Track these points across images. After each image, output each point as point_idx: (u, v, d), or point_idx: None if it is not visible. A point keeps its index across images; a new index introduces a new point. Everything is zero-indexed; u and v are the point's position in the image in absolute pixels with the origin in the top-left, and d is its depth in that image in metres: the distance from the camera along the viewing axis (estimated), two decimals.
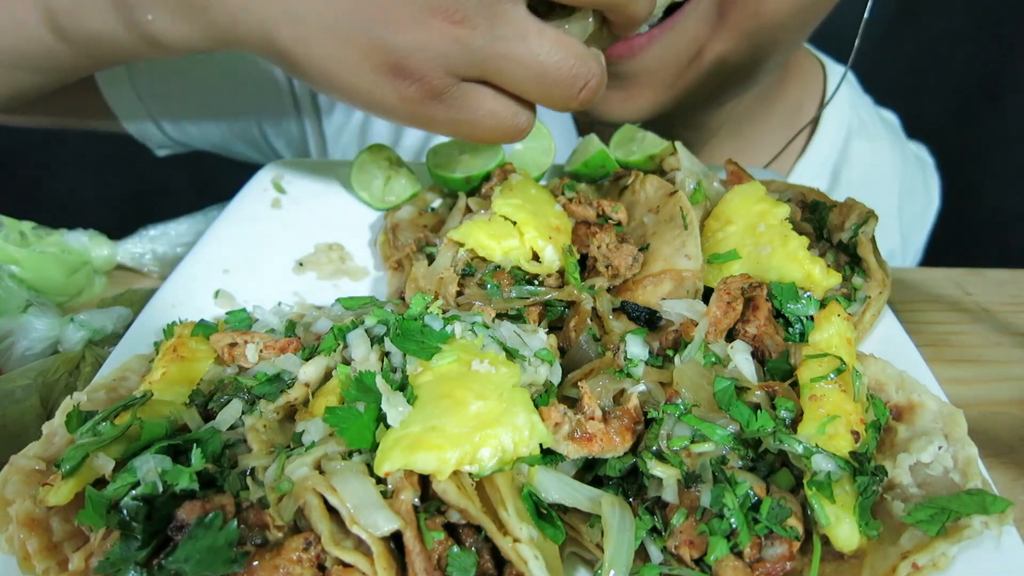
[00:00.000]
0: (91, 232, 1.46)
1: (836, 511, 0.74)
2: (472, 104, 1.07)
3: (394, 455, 0.72)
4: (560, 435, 0.79)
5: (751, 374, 0.87)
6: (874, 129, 2.14)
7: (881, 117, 2.26)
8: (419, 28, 0.98)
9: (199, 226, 1.49)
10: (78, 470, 0.72)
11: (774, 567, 0.73)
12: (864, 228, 1.08)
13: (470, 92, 1.06)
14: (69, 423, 0.80)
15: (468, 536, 0.73)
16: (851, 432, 0.80)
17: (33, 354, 1.19)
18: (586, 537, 0.77)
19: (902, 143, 2.26)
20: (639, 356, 0.92)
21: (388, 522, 0.68)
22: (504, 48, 1.01)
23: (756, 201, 1.13)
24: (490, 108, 1.08)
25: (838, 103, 2.02)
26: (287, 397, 0.84)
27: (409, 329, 0.87)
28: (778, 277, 1.02)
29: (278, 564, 0.67)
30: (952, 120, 3.63)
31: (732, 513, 0.74)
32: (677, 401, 0.84)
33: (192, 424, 0.82)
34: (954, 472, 0.80)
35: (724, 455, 0.80)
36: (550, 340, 0.95)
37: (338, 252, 1.33)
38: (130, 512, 0.68)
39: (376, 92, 1.05)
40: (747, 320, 0.95)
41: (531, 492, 0.76)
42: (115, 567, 0.68)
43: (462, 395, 0.78)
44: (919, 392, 0.89)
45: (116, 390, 0.93)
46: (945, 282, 1.54)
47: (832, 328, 0.93)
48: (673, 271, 1.06)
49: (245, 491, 0.74)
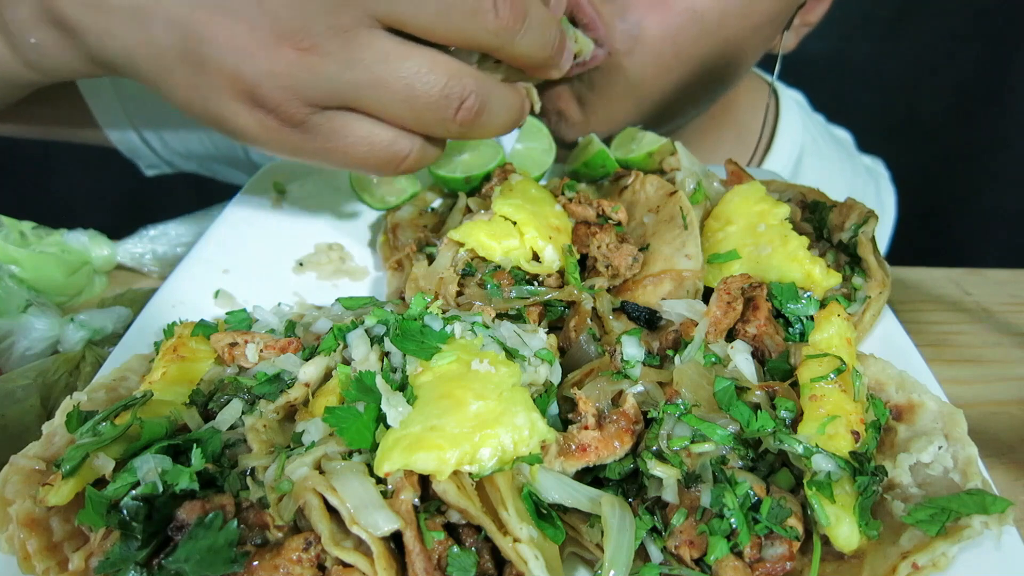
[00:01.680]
0: (91, 232, 1.46)
1: (836, 511, 0.74)
2: (340, 132, 1.01)
3: (394, 455, 0.72)
4: (549, 457, 0.79)
5: (751, 374, 0.87)
6: (825, 147, 2.21)
7: (832, 135, 2.34)
8: (268, 56, 0.94)
9: (199, 226, 1.49)
10: (78, 470, 0.72)
11: (774, 567, 0.73)
12: (864, 228, 1.08)
13: (336, 120, 1.01)
14: (69, 423, 0.80)
15: (468, 536, 0.73)
16: (851, 432, 0.80)
17: (33, 354, 1.19)
18: (586, 537, 0.77)
19: (853, 158, 2.32)
20: (635, 357, 0.92)
21: (388, 522, 0.68)
22: (363, 74, 0.95)
23: (756, 201, 1.13)
24: (361, 135, 1.02)
25: (791, 124, 2.10)
26: (287, 397, 0.84)
27: (409, 329, 0.87)
28: (778, 277, 1.02)
29: (278, 564, 0.67)
30: (952, 120, 3.63)
31: (732, 513, 0.74)
32: (677, 401, 0.84)
33: (192, 424, 0.82)
34: (954, 472, 0.80)
35: (724, 455, 0.80)
36: (550, 340, 0.95)
37: (338, 252, 1.33)
38: (130, 512, 0.68)
39: (239, 121, 1.02)
40: (747, 320, 0.95)
41: (531, 492, 0.76)
42: (115, 567, 0.68)
43: (462, 395, 0.77)
44: (919, 392, 0.89)
45: (116, 390, 0.93)
46: (945, 282, 1.54)
47: (832, 328, 0.93)
48: (673, 271, 1.06)
49: (245, 491, 0.74)
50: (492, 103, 1.04)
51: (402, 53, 0.96)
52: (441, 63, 0.98)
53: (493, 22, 0.96)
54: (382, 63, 0.95)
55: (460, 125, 1.01)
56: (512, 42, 1.00)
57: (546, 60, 1.08)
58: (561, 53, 1.12)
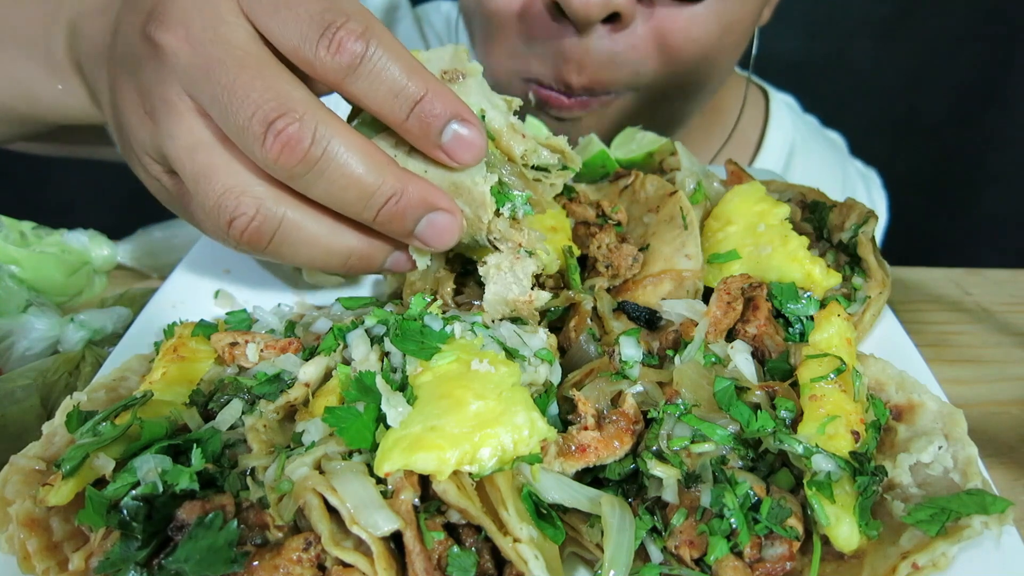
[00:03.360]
0: (91, 232, 1.46)
1: (836, 511, 0.74)
2: (187, 195, 0.93)
3: (394, 455, 0.72)
4: (549, 457, 0.79)
5: (751, 374, 0.87)
6: (816, 146, 2.23)
7: (825, 137, 2.36)
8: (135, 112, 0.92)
9: None
10: (78, 470, 0.72)
11: (774, 567, 0.73)
12: (864, 228, 1.08)
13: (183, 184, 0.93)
14: (69, 423, 0.80)
15: (468, 536, 0.73)
16: (851, 432, 0.80)
17: (33, 354, 1.19)
18: (586, 537, 0.77)
19: (844, 161, 2.34)
20: (633, 358, 0.92)
21: (388, 522, 0.68)
22: (173, 152, 0.87)
23: (756, 201, 1.13)
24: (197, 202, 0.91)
25: (781, 125, 2.12)
26: (287, 397, 0.84)
27: (409, 329, 0.87)
28: (778, 277, 1.02)
29: (278, 564, 0.67)
30: (952, 120, 3.63)
31: (732, 513, 0.74)
32: (677, 401, 0.84)
33: (192, 424, 0.82)
34: (954, 472, 0.80)
35: (724, 455, 0.80)
36: (550, 340, 0.95)
37: None
38: (130, 512, 0.68)
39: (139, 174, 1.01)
40: (747, 320, 0.95)
41: (531, 492, 0.76)
42: (115, 567, 0.68)
43: (462, 395, 0.77)
44: (919, 392, 0.89)
45: (116, 390, 0.93)
46: (945, 282, 1.54)
47: (832, 328, 0.93)
48: (673, 271, 1.06)
49: (245, 491, 0.74)
50: (287, 230, 0.87)
51: (202, 146, 0.86)
52: (229, 172, 0.85)
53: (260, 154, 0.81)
54: (185, 149, 0.87)
55: (234, 241, 0.87)
56: (295, 183, 0.84)
57: (395, 121, 0.85)
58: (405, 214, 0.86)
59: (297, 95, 0.82)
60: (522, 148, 0.95)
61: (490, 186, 0.90)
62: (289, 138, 0.79)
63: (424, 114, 0.84)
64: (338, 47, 0.80)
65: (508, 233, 0.93)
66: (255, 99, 0.80)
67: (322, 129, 0.81)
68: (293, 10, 0.82)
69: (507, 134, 0.95)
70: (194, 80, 0.84)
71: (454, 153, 0.87)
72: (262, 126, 0.79)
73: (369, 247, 0.93)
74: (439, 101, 0.84)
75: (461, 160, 0.88)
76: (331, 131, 0.81)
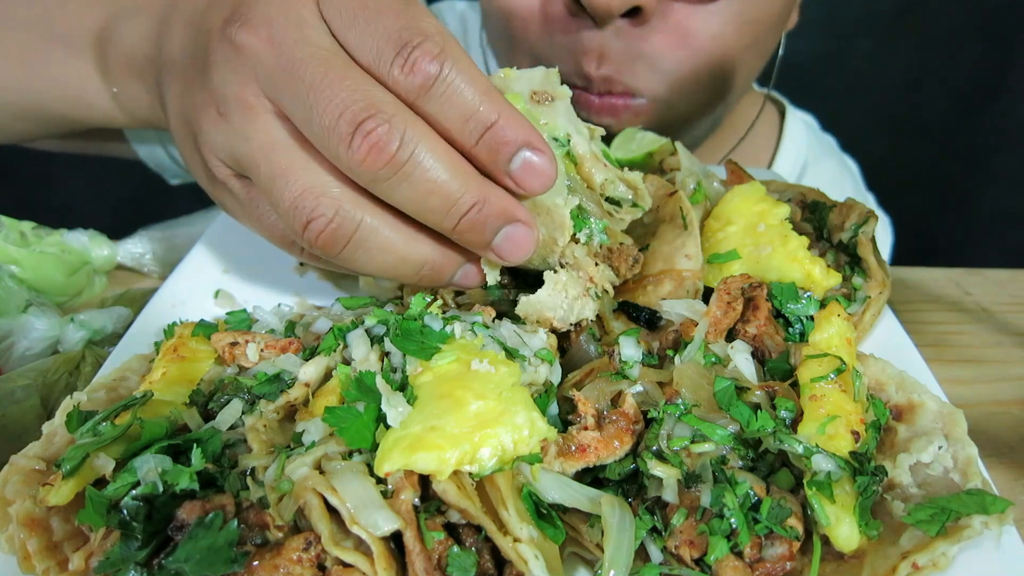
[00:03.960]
0: (91, 232, 1.46)
1: (836, 511, 0.74)
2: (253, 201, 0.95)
3: (394, 455, 0.72)
4: (549, 458, 0.79)
5: (751, 374, 0.87)
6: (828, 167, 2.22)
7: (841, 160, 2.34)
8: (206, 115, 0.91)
9: (199, 226, 1.49)
10: (78, 470, 0.72)
11: (774, 567, 0.73)
12: (864, 228, 1.08)
13: (252, 189, 0.94)
14: (69, 423, 0.80)
15: (468, 536, 0.73)
16: (851, 432, 0.80)
17: (33, 354, 1.19)
18: (586, 537, 0.77)
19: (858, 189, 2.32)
20: (633, 358, 0.92)
21: (388, 522, 0.68)
22: (249, 152, 0.87)
23: (756, 201, 1.13)
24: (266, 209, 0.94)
25: (795, 141, 2.11)
26: (287, 397, 0.84)
27: (409, 329, 0.87)
28: (778, 277, 1.02)
29: (278, 564, 0.67)
30: (952, 120, 3.64)
31: (732, 513, 0.74)
32: (677, 401, 0.84)
33: (192, 424, 0.82)
34: (954, 472, 0.80)
35: (724, 455, 0.80)
36: (550, 340, 0.95)
37: None
38: (130, 512, 0.68)
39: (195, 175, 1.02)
40: (747, 320, 0.95)
41: (531, 492, 0.76)
42: (115, 567, 0.68)
43: (462, 395, 0.77)
44: (919, 392, 0.89)
45: (116, 390, 0.93)
46: (945, 282, 1.54)
47: (832, 328, 0.93)
48: (673, 271, 1.06)
49: (245, 491, 0.74)
50: (364, 236, 0.85)
51: (279, 146, 0.85)
52: (308, 172, 0.84)
53: (345, 155, 0.79)
54: (261, 150, 0.86)
55: (309, 244, 0.85)
56: (377, 187, 0.82)
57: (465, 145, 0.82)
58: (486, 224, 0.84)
59: (385, 97, 0.80)
60: (602, 177, 0.94)
61: (570, 209, 0.89)
62: (378, 139, 0.77)
63: (495, 140, 0.82)
64: (412, 67, 0.79)
65: (584, 262, 0.92)
66: (344, 98, 0.78)
67: (410, 132, 0.79)
68: (372, 24, 0.81)
69: (590, 161, 0.93)
70: (276, 81, 0.83)
71: (522, 180, 0.84)
72: (350, 126, 0.78)
73: (443, 258, 0.90)
74: (511, 127, 0.82)
75: (528, 188, 0.85)
76: (419, 135, 0.80)
